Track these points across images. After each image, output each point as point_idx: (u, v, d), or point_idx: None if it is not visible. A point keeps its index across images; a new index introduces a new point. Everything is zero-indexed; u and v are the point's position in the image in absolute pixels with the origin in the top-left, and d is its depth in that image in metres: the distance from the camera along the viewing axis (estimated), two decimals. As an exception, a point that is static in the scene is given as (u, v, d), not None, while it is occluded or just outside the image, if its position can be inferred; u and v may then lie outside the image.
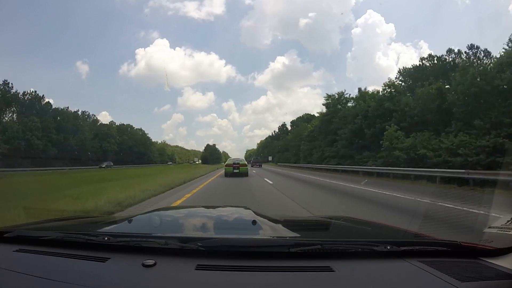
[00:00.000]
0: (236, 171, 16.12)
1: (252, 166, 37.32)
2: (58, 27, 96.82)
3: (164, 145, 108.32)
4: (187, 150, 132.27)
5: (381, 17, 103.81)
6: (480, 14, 56.41)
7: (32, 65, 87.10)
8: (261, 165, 43.38)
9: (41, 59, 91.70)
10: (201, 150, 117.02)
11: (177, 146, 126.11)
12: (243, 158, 21.19)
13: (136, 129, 76.76)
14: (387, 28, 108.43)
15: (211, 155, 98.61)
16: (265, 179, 14.98)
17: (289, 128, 72.65)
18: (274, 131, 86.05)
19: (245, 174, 16.13)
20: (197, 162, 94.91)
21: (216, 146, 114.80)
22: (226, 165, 17.26)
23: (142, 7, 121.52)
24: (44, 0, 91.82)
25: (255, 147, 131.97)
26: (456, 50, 26.09)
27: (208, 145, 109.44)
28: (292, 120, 71.92)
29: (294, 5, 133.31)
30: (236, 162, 17.09)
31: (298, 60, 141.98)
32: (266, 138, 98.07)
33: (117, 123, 69.90)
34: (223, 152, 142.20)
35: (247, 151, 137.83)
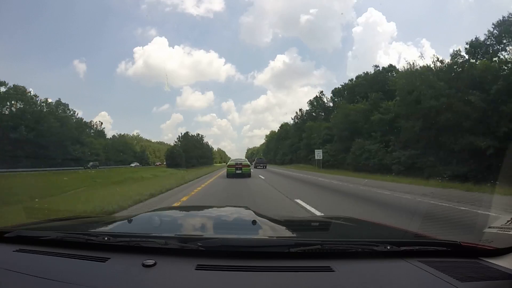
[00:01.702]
0: (238, 171, 16.35)
1: (255, 167, 32.37)
2: (55, 25, 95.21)
3: (132, 138, 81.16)
4: (170, 146, 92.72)
5: (382, 16, 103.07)
6: (483, 12, 55.23)
7: (29, 64, 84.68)
8: (265, 166, 35.73)
9: (38, 58, 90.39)
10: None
11: (160, 143, 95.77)
12: (246, 159, 21.29)
13: (41, 101, 43.46)
14: (388, 27, 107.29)
15: (190, 151, 54.22)
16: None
17: (330, 104, 43.43)
18: (301, 109, 53.57)
19: (247, 175, 16.39)
20: (132, 165, 54.45)
21: (206, 140, 74.15)
22: (228, 166, 17.53)
23: (139, 4, 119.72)
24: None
25: (256, 146, 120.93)
26: None
27: (186, 134, 62.13)
28: (337, 89, 41.49)
29: (294, 1, 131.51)
30: (239, 162, 17.25)
31: (298, 59, 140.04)
32: (281, 127, 66.96)
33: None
34: (219, 149, 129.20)
35: (248, 149, 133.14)
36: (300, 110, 53.57)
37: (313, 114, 47.87)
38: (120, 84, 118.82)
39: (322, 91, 48.58)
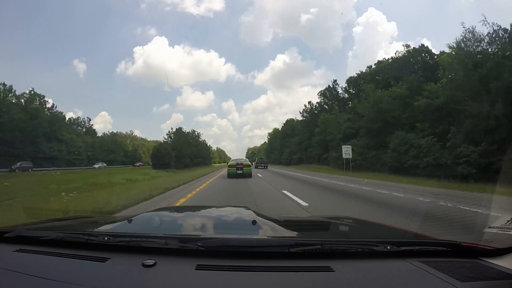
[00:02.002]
0: (239, 172, 16.01)
1: (256, 167, 30.54)
2: (55, 25, 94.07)
3: (125, 136, 73.56)
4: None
5: (383, 16, 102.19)
6: (484, 12, 54.79)
7: (29, 64, 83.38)
8: (266, 166, 33.83)
9: (38, 58, 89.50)
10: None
11: (157, 142, 71.90)
12: (246, 159, 21.07)
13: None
14: (388, 27, 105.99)
15: (183, 149, 46.05)
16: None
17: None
18: (310, 102, 45.83)
19: (248, 175, 16.06)
20: (96, 166, 42.33)
21: (204, 138, 65.43)
22: (229, 166, 17.16)
23: (139, 3, 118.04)
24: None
25: (257, 145, 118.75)
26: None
27: (179, 130, 52.25)
28: (352, 77, 36.11)
29: (295, 0, 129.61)
30: (240, 162, 16.92)
31: (299, 58, 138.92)
32: (286, 123, 59.40)
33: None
34: (218, 149, 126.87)
35: (249, 149, 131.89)
36: (309, 103, 46.48)
37: (326, 106, 41.68)
38: (120, 84, 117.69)
39: (336, 80, 41.60)
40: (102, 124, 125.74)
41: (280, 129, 66.30)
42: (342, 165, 23.29)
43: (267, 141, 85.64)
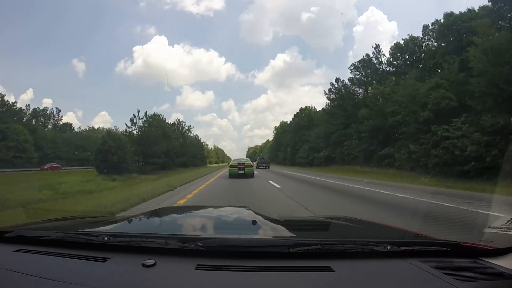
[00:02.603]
0: (241, 172, 15.80)
1: (257, 167, 29.03)
2: (55, 25, 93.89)
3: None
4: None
5: (384, 15, 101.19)
6: None
7: (27, 64, 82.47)
8: (268, 167, 31.82)
9: (37, 58, 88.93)
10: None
11: None
12: (248, 159, 20.90)
13: None
14: (389, 26, 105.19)
15: (156, 143, 32.10)
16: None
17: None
18: (338, 79, 32.83)
19: (250, 175, 15.84)
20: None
21: (193, 132, 53.63)
22: (230, 166, 16.96)
23: (138, 2, 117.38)
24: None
25: (258, 144, 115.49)
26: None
27: (154, 117, 38.47)
28: (398, 44, 27.49)
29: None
30: (241, 162, 16.74)
31: (299, 57, 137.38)
32: (300, 111, 46.92)
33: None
34: (215, 147, 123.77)
35: (250, 148, 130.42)
36: (338, 80, 33.02)
37: (362, 81, 30.27)
38: (120, 84, 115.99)
39: (378, 45, 29.88)
40: (102, 123, 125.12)
41: (289, 122, 52.92)
42: (432, 169, 13.15)
43: (270, 139, 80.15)
